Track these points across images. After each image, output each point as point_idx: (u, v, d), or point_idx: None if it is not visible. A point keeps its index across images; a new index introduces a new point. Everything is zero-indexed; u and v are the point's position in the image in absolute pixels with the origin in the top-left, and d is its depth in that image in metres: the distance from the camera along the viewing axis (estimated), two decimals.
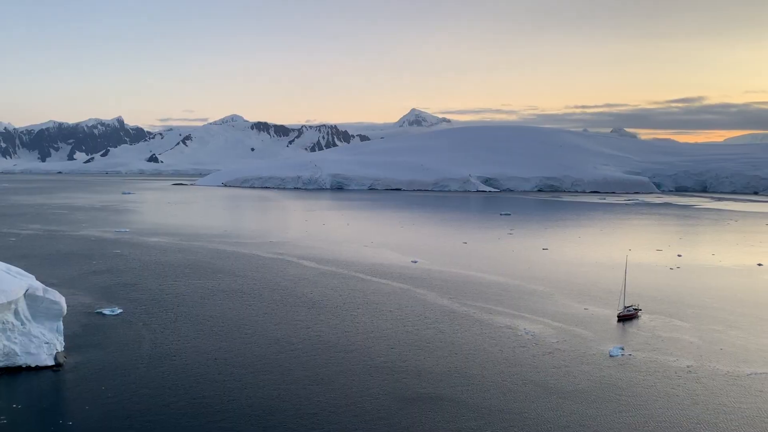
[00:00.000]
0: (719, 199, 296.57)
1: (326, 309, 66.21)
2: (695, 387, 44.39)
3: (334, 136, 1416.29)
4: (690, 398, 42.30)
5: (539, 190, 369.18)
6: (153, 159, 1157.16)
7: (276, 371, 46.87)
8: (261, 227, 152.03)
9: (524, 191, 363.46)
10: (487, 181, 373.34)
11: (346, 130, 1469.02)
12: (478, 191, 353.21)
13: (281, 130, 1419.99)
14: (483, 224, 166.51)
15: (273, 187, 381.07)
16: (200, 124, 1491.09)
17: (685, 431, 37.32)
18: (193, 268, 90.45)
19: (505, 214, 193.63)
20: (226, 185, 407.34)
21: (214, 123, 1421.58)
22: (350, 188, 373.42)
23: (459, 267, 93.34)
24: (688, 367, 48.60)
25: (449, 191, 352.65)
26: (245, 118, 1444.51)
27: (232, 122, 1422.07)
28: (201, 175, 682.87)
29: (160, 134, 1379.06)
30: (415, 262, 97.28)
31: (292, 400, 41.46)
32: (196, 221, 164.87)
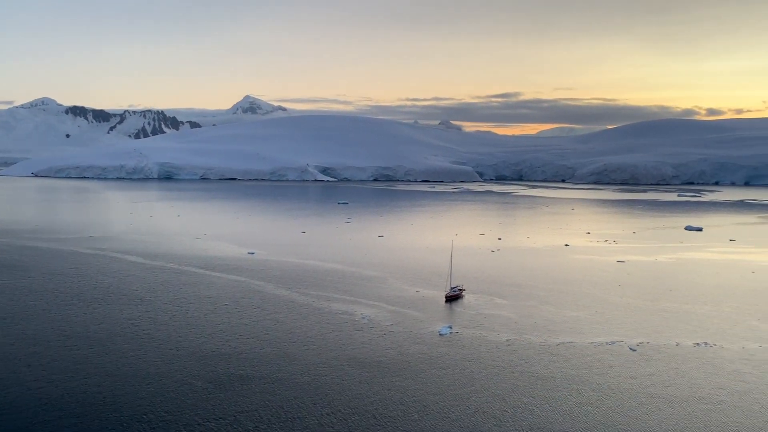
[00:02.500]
0: (533, 187, 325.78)
1: (155, 305, 62.77)
2: (513, 358, 48.63)
3: (161, 122, 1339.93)
4: (509, 368, 46.26)
5: (375, 180, 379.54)
6: None
7: (99, 373, 43.59)
8: (79, 221, 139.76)
9: (361, 180, 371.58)
10: (324, 171, 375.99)
11: (174, 116, 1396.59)
12: (316, 180, 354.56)
13: (101, 116, 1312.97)
14: (321, 213, 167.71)
15: (92, 177, 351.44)
16: (4, 107, 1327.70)
17: (503, 397, 40.78)
18: None
19: (343, 203, 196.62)
20: (36, 175, 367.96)
21: (21, 106, 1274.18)
22: (180, 178, 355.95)
23: (297, 257, 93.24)
24: (507, 340, 53.04)
25: (287, 181, 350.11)
26: (58, 101, 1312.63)
27: (42, 106, 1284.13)
28: (7, 164, 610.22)
29: None
30: (252, 253, 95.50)
31: (117, 400, 38.86)
32: (1, 215, 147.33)
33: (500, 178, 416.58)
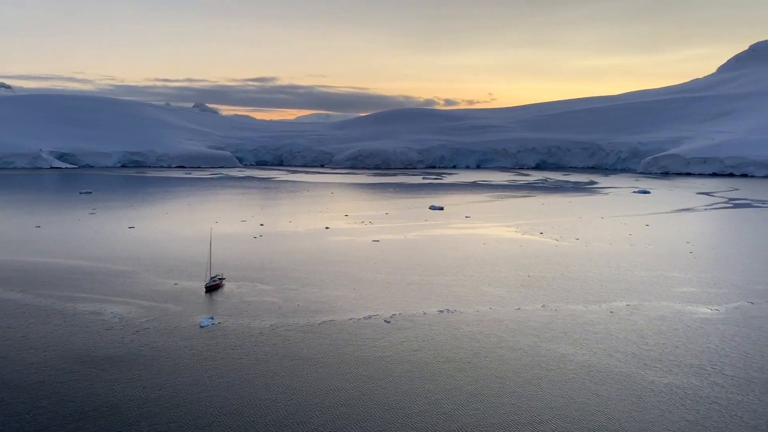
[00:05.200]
0: (294, 172, 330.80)
1: None
2: (276, 341, 49.01)
3: None
4: (272, 352, 46.52)
5: (123, 166, 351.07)
6: None
7: None
8: None
9: (106, 167, 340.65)
10: (62, 157, 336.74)
11: None
12: (52, 168, 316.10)
13: None
14: (60, 205, 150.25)
15: None
16: None
17: (265, 381, 40.92)
18: None
19: (86, 193, 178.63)
20: None
21: None
22: None
23: (31, 255, 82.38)
24: (270, 325, 53.24)
25: (15, 169, 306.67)
26: None
27: None
28: None
29: None
30: None
31: None
32: None
33: (261, 164, 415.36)
